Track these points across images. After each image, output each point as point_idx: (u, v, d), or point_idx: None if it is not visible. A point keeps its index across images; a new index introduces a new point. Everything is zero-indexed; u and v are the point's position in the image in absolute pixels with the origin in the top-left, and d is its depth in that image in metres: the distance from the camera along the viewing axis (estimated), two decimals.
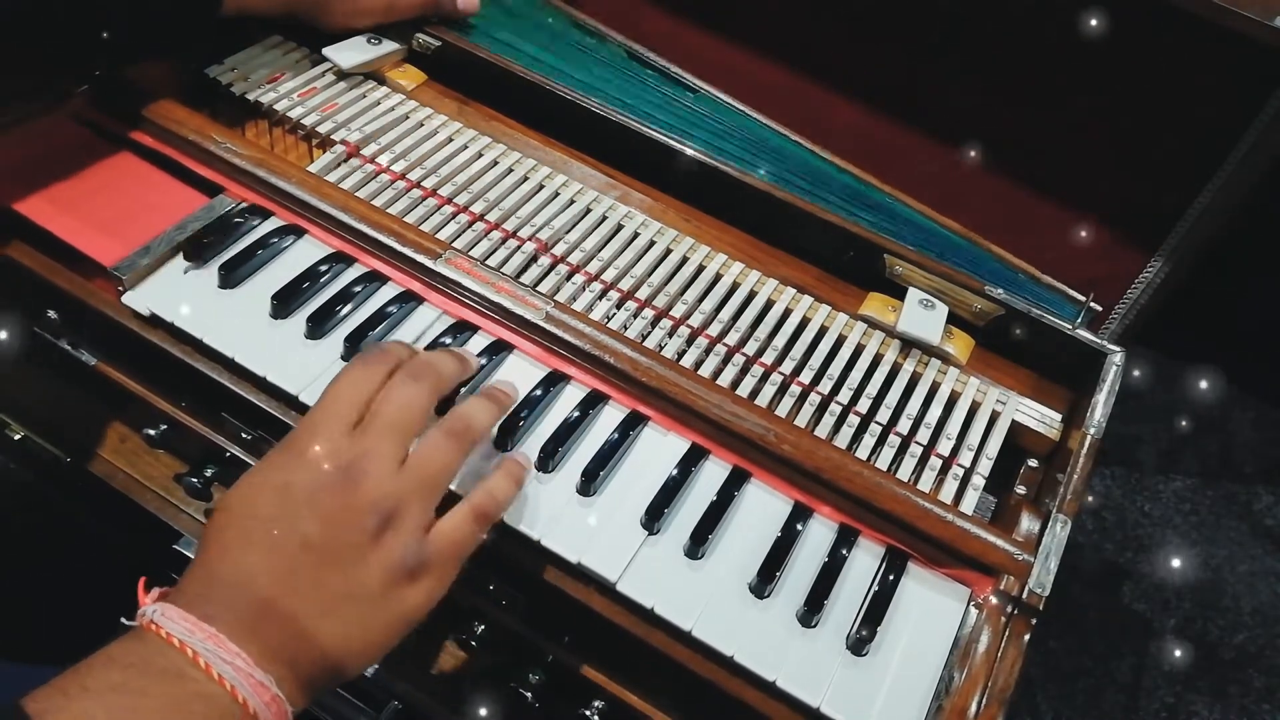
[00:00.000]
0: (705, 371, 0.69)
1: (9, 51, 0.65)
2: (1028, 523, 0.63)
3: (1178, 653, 1.42)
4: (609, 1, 1.00)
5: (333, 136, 0.78)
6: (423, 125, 0.81)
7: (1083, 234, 0.93)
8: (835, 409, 0.68)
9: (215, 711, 0.43)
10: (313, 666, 0.47)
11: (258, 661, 0.44)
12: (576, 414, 0.64)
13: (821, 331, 0.73)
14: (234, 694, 0.43)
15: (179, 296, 0.66)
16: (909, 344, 0.73)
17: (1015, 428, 0.71)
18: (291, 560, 0.47)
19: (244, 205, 0.72)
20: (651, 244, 0.76)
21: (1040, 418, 0.72)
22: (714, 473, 0.64)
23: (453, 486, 0.57)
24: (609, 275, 0.73)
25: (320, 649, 0.47)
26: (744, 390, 0.68)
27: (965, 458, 0.68)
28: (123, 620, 0.46)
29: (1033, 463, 0.71)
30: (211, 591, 0.46)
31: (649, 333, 0.71)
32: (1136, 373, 0.77)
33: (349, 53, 0.82)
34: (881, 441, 0.68)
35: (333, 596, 0.47)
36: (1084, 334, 0.72)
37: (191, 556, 0.72)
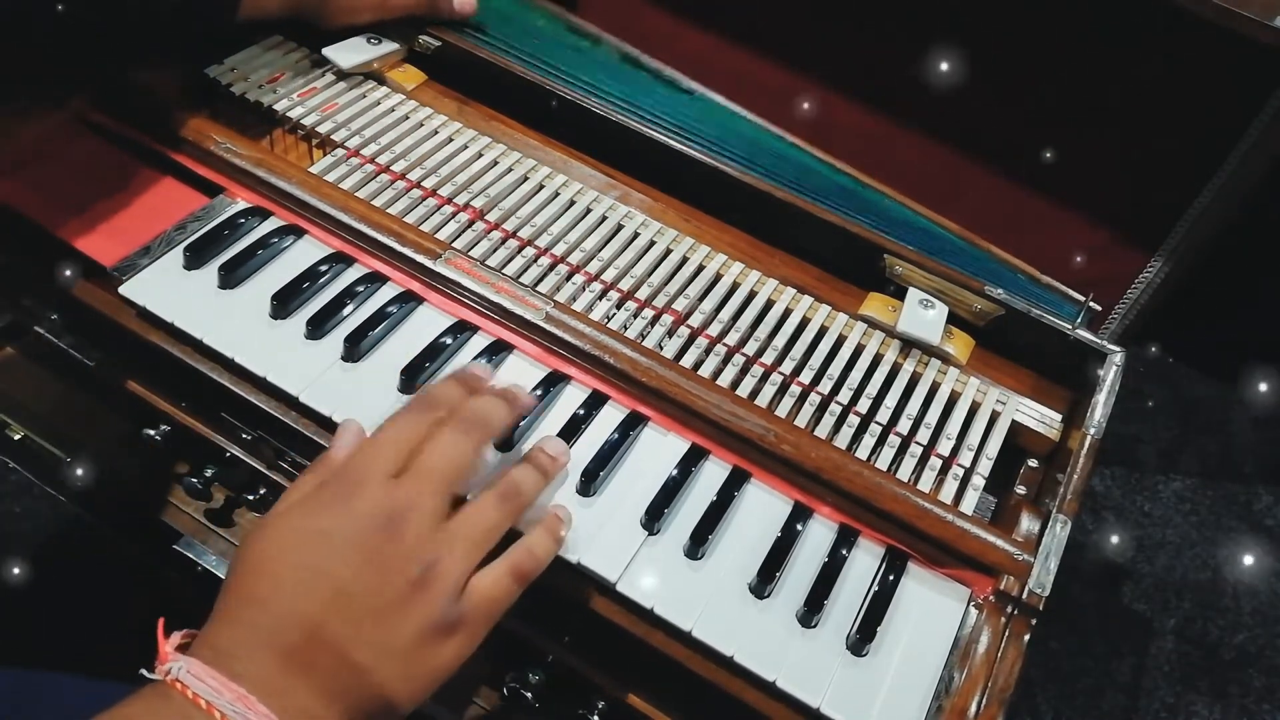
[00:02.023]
0: (705, 372, 0.69)
1: (21, 59, 0.65)
2: (1028, 523, 0.63)
3: (1178, 653, 1.42)
4: (608, 1, 1.01)
5: (333, 136, 0.78)
6: (423, 125, 0.81)
7: (1083, 234, 0.93)
8: (835, 409, 0.68)
9: None
10: None
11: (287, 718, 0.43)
12: (577, 414, 0.64)
13: (821, 331, 0.73)
14: None
15: (179, 296, 0.66)
16: (909, 344, 0.73)
17: (1015, 428, 0.71)
18: (325, 610, 0.45)
19: (244, 205, 0.72)
20: (651, 244, 0.76)
21: (1040, 418, 0.72)
22: (714, 473, 0.64)
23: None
24: (609, 275, 0.73)
25: (350, 704, 0.45)
26: (744, 390, 0.68)
27: (965, 458, 0.68)
28: (143, 672, 0.44)
29: (1033, 463, 0.71)
30: (237, 641, 0.44)
31: (649, 333, 0.71)
32: (1137, 372, 0.77)
33: (349, 53, 0.82)
34: (881, 441, 0.68)
35: (365, 649, 0.45)
36: (1084, 334, 0.72)
37: (192, 557, 0.73)
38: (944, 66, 0.91)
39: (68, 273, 0.68)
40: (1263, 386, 1.72)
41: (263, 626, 0.45)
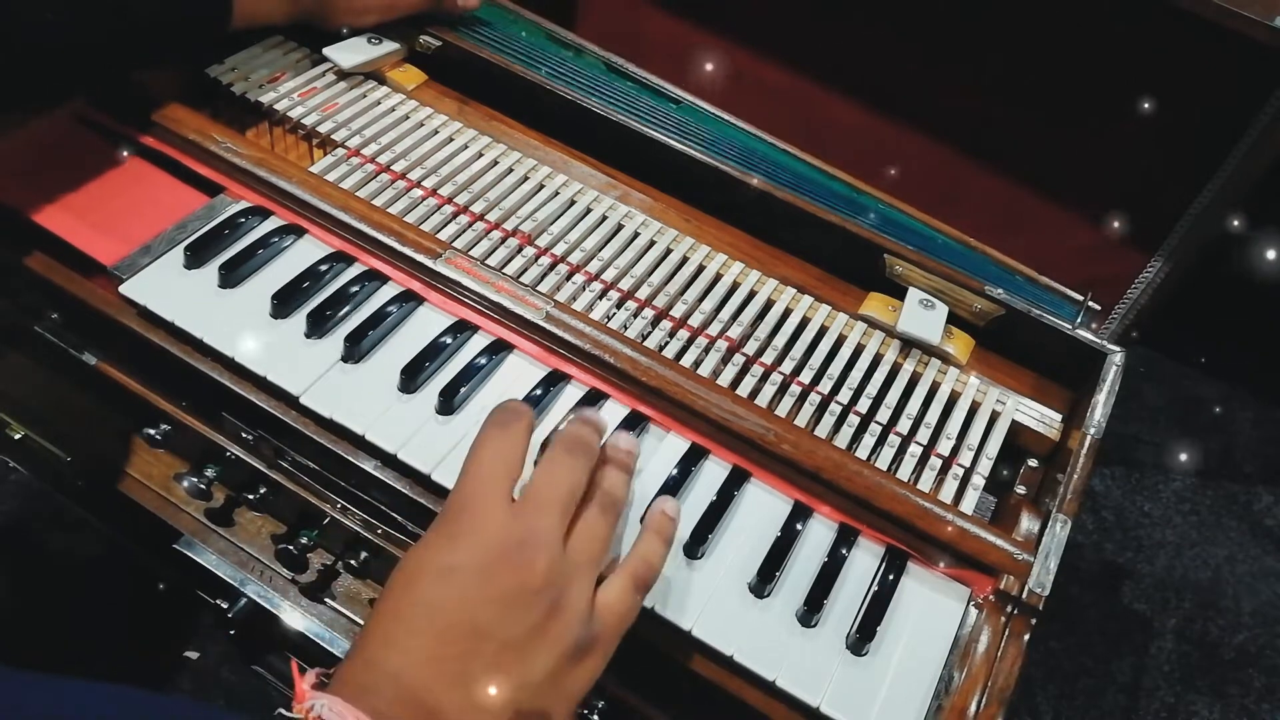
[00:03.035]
0: (705, 371, 0.69)
1: (18, 66, 0.65)
2: (1028, 523, 0.63)
3: (1178, 653, 1.42)
4: (607, 2, 1.01)
5: (333, 136, 0.78)
6: (423, 125, 0.81)
7: (1083, 234, 0.93)
8: (835, 409, 0.68)
9: None
10: None
11: None
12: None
13: (821, 331, 0.73)
14: None
15: (179, 296, 0.66)
16: (909, 344, 0.73)
17: (1015, 428, 0.71)
18: (460, 648, 0.45)
19: (244, 205, 0.72)
20: (651, 244, 0.76)
21: (1040, 418, 0.72)
22: (714, 472, 0.64)
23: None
24: (609, 275, 0.73)
25: None
26: (744, 390, 0.68)
27: (965, 457, 0.68)
28: (281, 712, 0.43)
29: (1033, 463, 0.72)
30: (376, 683, 0.44)
31: (649, 332, 0.71)
32: (1137, 372, 0.77)
33: (349, 53, 0.82)
34: (881, 441, 0.68)
35: (506, 684, 0.45)
36: (1084, 334, 0.72)
37: (192, 556, 0.73)
38: (944, 66, 0.91)
39: (68, 272, 0.68)
40: (1262, 386, 1.72)
41: (398, 667, 0.44)
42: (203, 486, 0.72)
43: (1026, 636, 0.58)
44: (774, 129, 0.89)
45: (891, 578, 0.60)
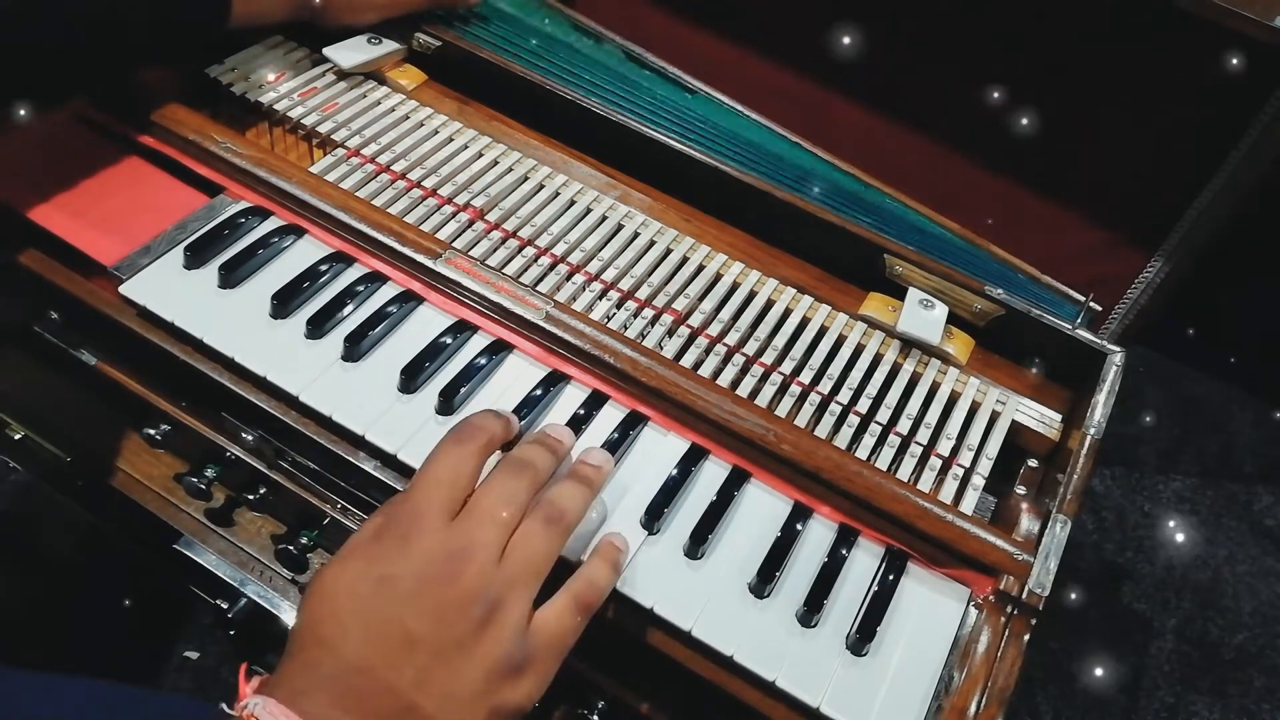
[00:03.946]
0: (705, 371, 0.69)
1: (13, 67, 0.65)
2: (1028, 523, 0.63)
3: (1178, 653, 1.42)
4: (610, 1, 1.01)
5: (333, 136, 0.78)
6: (423, 125, 0.81)
7: (1083, 234, 0.93)
8: (835, 409, 0.68)
9: None
10: None
11: None
12: (577, 414, 0.64)
13: (821, 331, 0.73)
14: None
15: (179, 296, 0.66)
16: (909, 344, 0.73)
17: (1015, 428, 0.71)
18: (394, 655, 0.45)
19: (244, 205, 0.72)
20: (651, 244, 0.76)
21: (1040, 418, 0.72)
22: (714, 472, 0.64)
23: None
24: (609, 275, 0.73)
25: None
26: (744, 390, 0.68)
27: (965, 458, 0.68)
28: (223, 707, 0.43)
29: (1033, 463, 0.71)
30: (312, 686, 0.44)
31: (649, 332, 0.71)
32: (1137, 372, 0.77)
33: (349, 52, 0.82)
34: (881, 441, 0.68)
35: (437, 694, 0.45)
36: (1084, 334, 0.72)
37: (192, 557, 0.73)
38: (944, 66, 0.91)
39: (68, 272, 0.68)
40: (1262, 386, 1.72)
41: (331, 671, 0.45)
42: (202, 486, 0.72)
43: (1026, 636, 0.58)
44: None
45: (891, 578, 0.60)
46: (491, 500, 0.50)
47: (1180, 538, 1.55)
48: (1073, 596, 1.44)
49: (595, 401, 0.65)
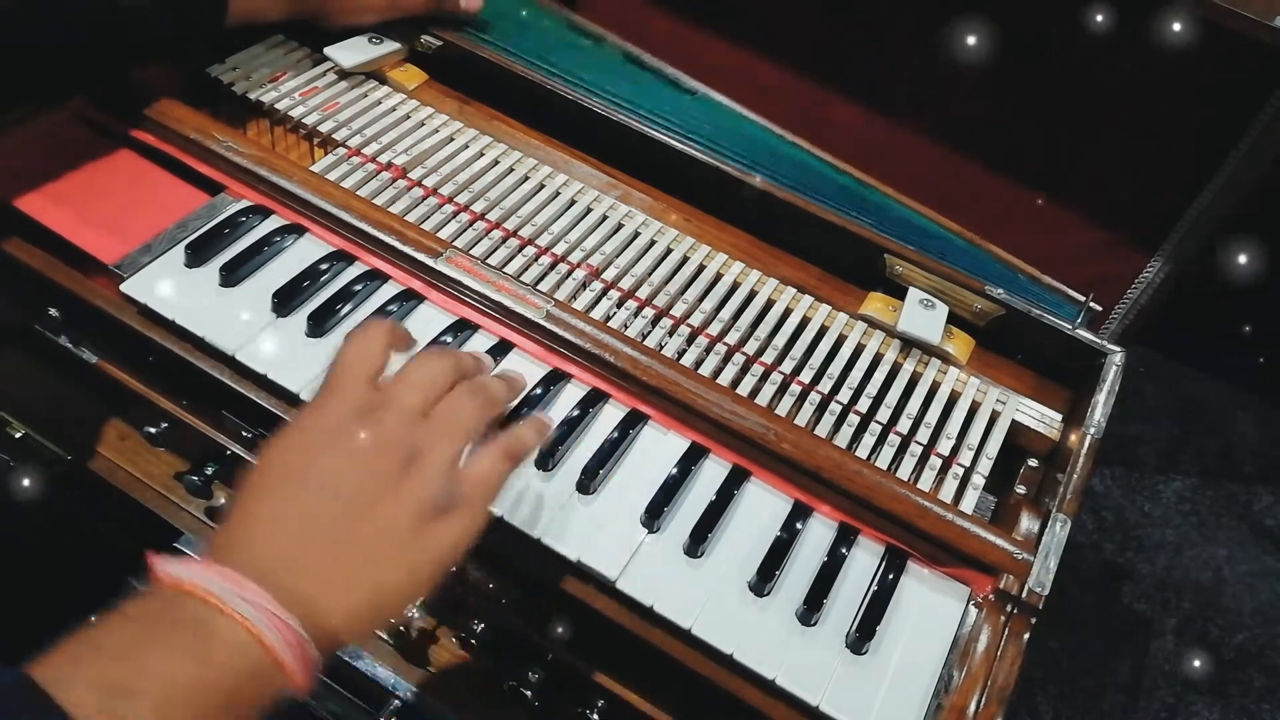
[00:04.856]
0: (705, 370, 0.69)
1: (13, 67, 0.65)
2: (1028, 522, 0.63)
3: (1178, 653, 1.42)
4: (611, 1, 1.01)
5: (334, 135, 0.78)
6: (424, 124, 0.81)
7: (1083, 234, 0.93)
8: (835, 408, 0.69)
9: (240, 657, 0.41)
10: (343, 611, 0.45)
11: (282, 603, 0.42)
12: (577, 412, 0.64)
13: (822, 331, 0.73)
14: (258, 637, 0.41)
15: (180, 294, 0.66)
16: (909, 344, 0.73)
17: (1015, 427, 0.71)
18: (317, 505, 0.46)
19: (245, 204, 0.72)
20: (652, 243, 0.76)
21: (1040, 417, 0.72)
22: (714, 471, 0.64)
23: None
24: (609, 274, 0.73)
25: (350, 593, 0.45)
26: (744, 389, 0.68)
27: (965, 457, 0.68)
28: (133, 582, 0.44)
29: (1033, 462, 0.72)
30: (234, 543, 0.45)
31: (649, 332, 0.71)
32: (1137, 373, 0.77)
33: (350, 52, 0.82)
34: (881, 441, 0.68)
35: (362, 537, 0.46)
36: (1084, 334, 0.72)
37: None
38: (944, 67, 0.91)
39: (69, 270, 0.68)
40: (1262, 386, 1.72)
41: (256, 526, 0.45)
42: (202, 484, 0.72)
43: (1026, 636, 0.58)
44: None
45: (891, 577, 0.60)
46: (416, 371, 0.51)
47: (1180, 537, 1.55)
48: (1073, 596, 1.44)
49: (595, 400, 0.65)
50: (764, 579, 0.58)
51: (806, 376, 0.70)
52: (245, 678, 0.41)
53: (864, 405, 0.69)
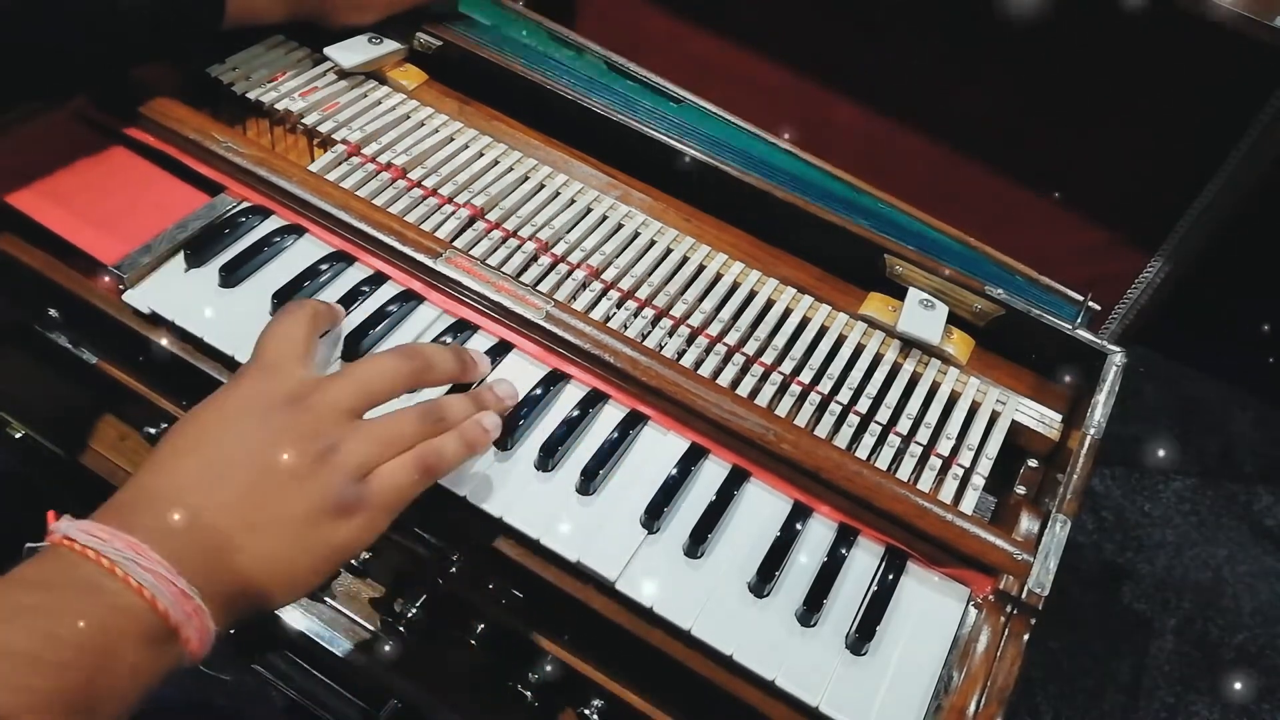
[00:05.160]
0: (705, 371, 0.69)
1: (13, 67, 0.65)
2: (1027, 522, 0.63)
3: (1178, 653, 1.42)
4: (610, 1, 1.01)
5: (334, 136, 0.78)
6: (424, 124, 0.81)
7: (1083, 234, 0.93)
8: (835, 409, 0.69)
9: (135, 624, 0.41)
10: (236, 585, 0.45)
11: (181, 571, 0.43)
12: (576, 413, 0.64)
13: (821, 331, 0.73)
14: (154, 604, 0.41)
15: (180, 295, 0.66)
16: (909, 344, 0.73)
17: (1015, 428, 0.71)
18: (223, 474, 0.46)
19: (245, 204, 0.72)
20: (652, 243, 0.76)
21: (1040, 418, 0.72)
22: (713, 472, 0.64)
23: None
24: (609, 274, 0.73)
25: (245, 568, 0.45)
26: (744, 390, 0.68)
27: (965, 457, 0.68)
28: (28, 545, 0.43)
29: (1033, 463, 0.72)
30: (136, 504, 0.45)
31: (649, 332, 0.71)
32: (1137, 373, 0.77)
33: (350, 52, 0.82)
34: (881, 441, 0.68)
35: (260, 515, 0.46)
36: (1084, 334, 0.72)
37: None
38: (944, 67, 0.91)
39: (68, 270, 0.68)
40: (1262, 386, 1.72)
41: (161, 487, 0.46)
42: None
43: (1026, 636, 0.58)
44: (773, 129, 0.89)
45: (891, 577, 0.60)
46: (362, 367, 0.52)
47: (1180, 537, 1.55)
48: (1073, 596, 1.44)
49: (595, 400, 0.65)
50: (764, 580, 0.58)
51: (806, 377, 0.70)
52: (138, 641, 0.41)
53: (864, 405, 0.69)
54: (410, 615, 0.68)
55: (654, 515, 0.60)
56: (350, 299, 0.67)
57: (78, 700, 0.39)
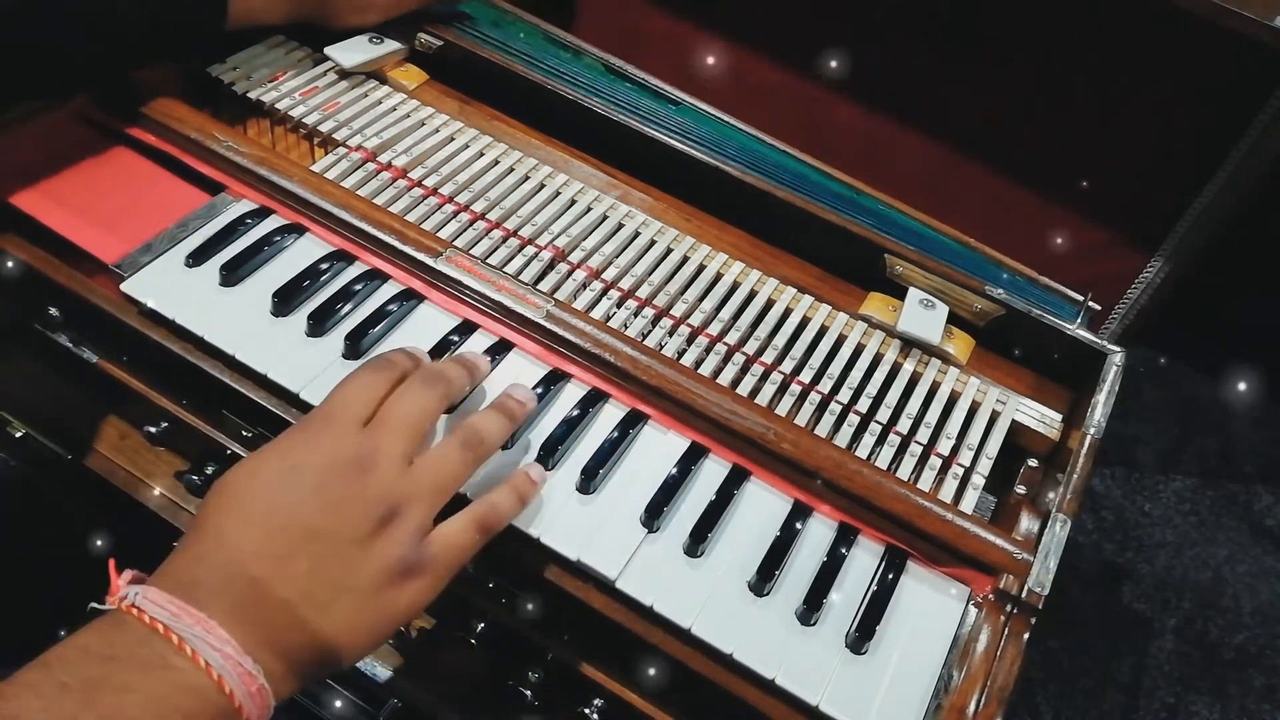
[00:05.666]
0: (705, 370, 0.69)
1: (13, 67, 0.65)
2: (1027, 522, 0.63)
3: (1178, 653, 1.42)
4: (605, 1, 1.01)
5: (334, 135, 0.78)
6: (424, 124, 0.81)
7: (1083, 234, 0.93)
8: (835, 408, 0.69)
9: (201, 704, 0.41)
10: (301, 657, 0.45)
11: (246, 649, 0.43)
12: (576, 412, 0.64)
13: (822, 331, 0.73)
14: (221, 684, 0.41)
15: (180, 294, 0.66)
16: (909, 344, 0.73)
17: (1015, 427, 0.71)
18: (290, 545, 0.46)
19: (245, 203, 0.72)
20: (652, 243, 0.76)
21: (1040, 417, 0.72)
22: (714, 471, 0.64)
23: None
24: (610, 274, 0.73)
25: (310, 639, 0.45)
26: (744, 389, 0.68)
27: (965, 457, 0.68)
28: (93, 605, 0.43)
29: (1033, 462, 0.72)
30: (201, 574, 0.45)
31: (649, 331, 0.71)
32: (1137, 373, 0.77)
33: (351, 52, 0.82)
34: (881, 440, 0.68)
35: (328, 586, 0.46)
36: (1084, 334, 0.72)
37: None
38: (944, 66, 0.92)
39: (69, 269, 0.68)
40: (1262, 386, 1.72)
41: (225, 557, 0.45)
42: (202, 484, 0.72)
43: (1026, 636, 0.58)
44: (774, 129, 0.89)
45: (891, 577, 0.60)
46: (403, 408, 0.52)
47: (1180, 537, 1.55)
48: (1073, 596, 1.44)
49: (595, 400, 0.65)
50: (764, 579, 0.58)
51: (806, 376, 0.70)
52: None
53: (864, 405, 0.69)
54: None
55: (654, 514, 0.60)
56: (351, 298, 0.67)
57: None
